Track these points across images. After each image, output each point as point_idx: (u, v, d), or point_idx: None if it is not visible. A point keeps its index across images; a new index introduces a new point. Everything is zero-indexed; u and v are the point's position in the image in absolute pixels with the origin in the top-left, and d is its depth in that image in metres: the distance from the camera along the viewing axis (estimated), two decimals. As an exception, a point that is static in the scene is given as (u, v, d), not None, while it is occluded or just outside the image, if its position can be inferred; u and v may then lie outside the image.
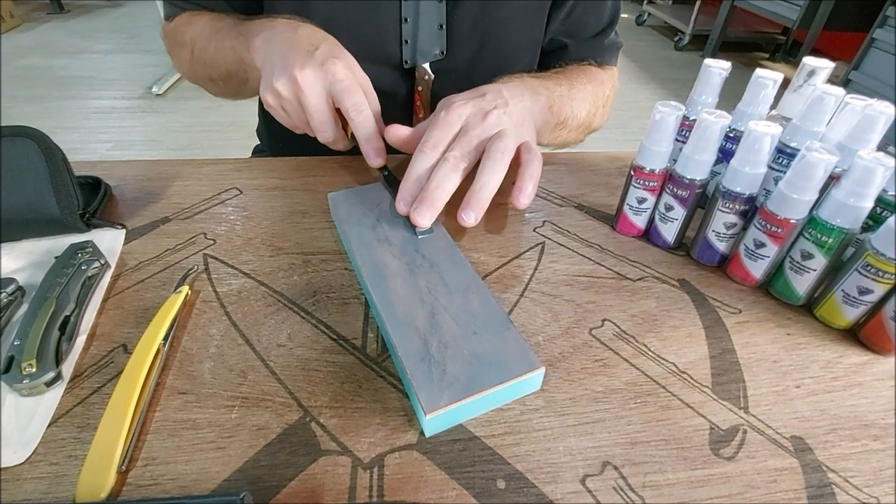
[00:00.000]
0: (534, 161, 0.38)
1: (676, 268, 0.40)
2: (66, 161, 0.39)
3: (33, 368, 0.28)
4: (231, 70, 0.49)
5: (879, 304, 0.32)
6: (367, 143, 0.41)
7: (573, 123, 0.52)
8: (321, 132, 0.41)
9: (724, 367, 0.32)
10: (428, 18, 0.51)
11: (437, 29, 0.52)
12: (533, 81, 0.47)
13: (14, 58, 2.65)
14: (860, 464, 0.27)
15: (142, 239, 0.40)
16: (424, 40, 0.52)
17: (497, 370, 0.28)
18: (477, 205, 0.36)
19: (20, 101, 2.23)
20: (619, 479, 0.26)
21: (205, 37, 0.51)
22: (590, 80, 0.55)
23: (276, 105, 0.42)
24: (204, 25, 0.51)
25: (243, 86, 0.52)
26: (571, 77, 0.53)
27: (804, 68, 0.39)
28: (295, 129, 0.44)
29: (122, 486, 0.25)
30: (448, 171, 0.37)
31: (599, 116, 0.57)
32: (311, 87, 0.39)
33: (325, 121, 0.41)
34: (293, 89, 0.39)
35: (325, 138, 0.42)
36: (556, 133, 0.51)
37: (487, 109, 0.39)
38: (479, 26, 0.52)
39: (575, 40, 0.59)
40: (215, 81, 0.54)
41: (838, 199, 0.32)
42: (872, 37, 2.06)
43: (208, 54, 0.50)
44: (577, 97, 0.51)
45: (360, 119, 0.40)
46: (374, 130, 0.41)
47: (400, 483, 0.25)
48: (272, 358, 0.31)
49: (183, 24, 0.54)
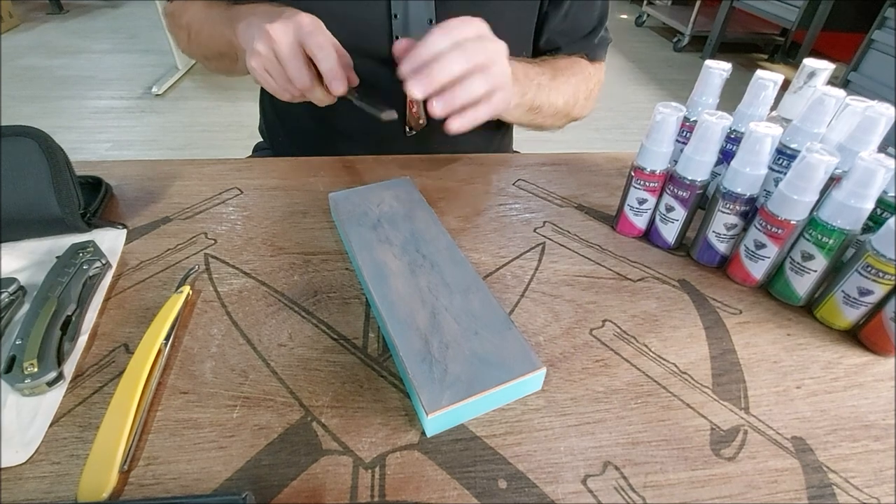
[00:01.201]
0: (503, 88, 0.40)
1: (677, 268, 0.40)
2: (68, 161, 0.39)
3: (35, 368, 0.28)
4: (222, 51, 0.52)
5: (880, 304, 0.32)
6: (330, 73, 0.42)
7: (549, 111, 0.54)
8: (297, 78, 0.42)
9: (724, 368, 0.32)
10: (417, 14, 0.52)
11: (427, 24, 0.52)
12: (516, 66, 0.48)
13: (13, 58, 2.64)
14: (861, 464, 0.27)
15: (143, 239, 0.40)
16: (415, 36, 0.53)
17: (498, 370, 0.28)
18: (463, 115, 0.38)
19: (19, 100, 2.23)
20: (620, 479, 0.26)
21: (198, 21, 0.54)
22: (575, 73, 0.57)
23: (259, 67, 0.43)
24: (197, 11, 0.55)
25: (234, 65, 0.54)
26: (557, 67, 0.55)
27: (804, 70, 0.39)
28: (279, 94, 0.45)
29: (123, 486, 0.25)
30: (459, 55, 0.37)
31: (580, 107, 0.59)
32: (281, 35, 0.41)
33: (299, 66, 0.42)
34: (267, 42, 0.41)
35: (301, 84, 0.43)
36: (530, 115, 0.53)
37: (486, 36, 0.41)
38: None
39: (569, 40, 0.60)
40: (210, 60, 0.57)
41: (839, 200, 0.32)
42: (871, 38, 2.06)
43: (202, 38, 0.54)
44: (556, 88, 0.53)
45: (323, 55, 0.41)
46: (335, 61, 0.42)
47: (401, 483, 0.26)
48: (273, 358, 0.31)
49: (180, 7, 0.57)
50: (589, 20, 0.60)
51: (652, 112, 0.38)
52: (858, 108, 0.35)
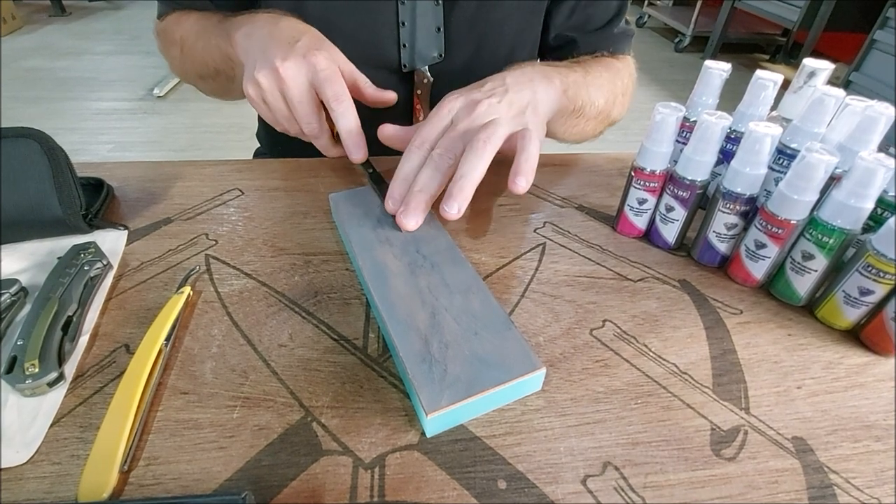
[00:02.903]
0: (528, 145, 0.37)
1: (677, 268, 0.40)
2: (69, 162, 0.39)
3: (36, 369, 0.28)
4: (218, 68, 0.49)
5: (880, 304, 0.32)
6: (349, 137, 0.40)
7: (591, 111, 0.49)
8: (306, 124, 0.41)
9: (725, 368, 0.32)
10: (425, 21, 0.51)
11: (435, 32, 0.52)
12: (545, 67, 0.45)
13: (15, 59, 2.66)
14: (861, 465, 0.27)
15: (144, 239, 0.41)
16: (422, 44, 0.52)
17: (498, 370, 0.28)
18: (459, 195, 0.35)
19: (21, 102, 2.24)
20: (620, 479, 0.26)
21: (193, 35, 0.50)
22: (605, 69, 0.53)
23: (256, 97, 0.41)
24: (192, 24, 0.51)
25: (230, 83, 0.51)
26: (586, 66, 0.51)
27: (804, 69, 0.39)
28: (276, 125, 0.43)
29: (124, 486, 0.25)
30: (431, 172, 0.36)
31: (619, 106, 0.55)
32: (293, 78, 0.38)
33: (310, 112, 0.40)
34: (276, 81, 0.39)
35: (309, 130, 0.41)
36: (574, 122, 0.49)
37: (478, 100, 0.39)
38: (476, 28, 0.53)
39: (582, 32, 0.57)
40: (205, 79, 0.54)
41: (839, 199, 0.32)
42: (873, 38, 2.06)
43: (196, 52, 0.50)
44: (593, 83, 0.49)
45: (341, 109, 0.39)
46: (356, 122, 0.40)
47: (401, 483, 0.26)
48: (274, 358, 0.32)
49: (173, 22, 0.54)
50: (604, 11, 0.56)
51: (652, 112, 0.38)
52: (858, 108, 0.35)
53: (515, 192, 0.36)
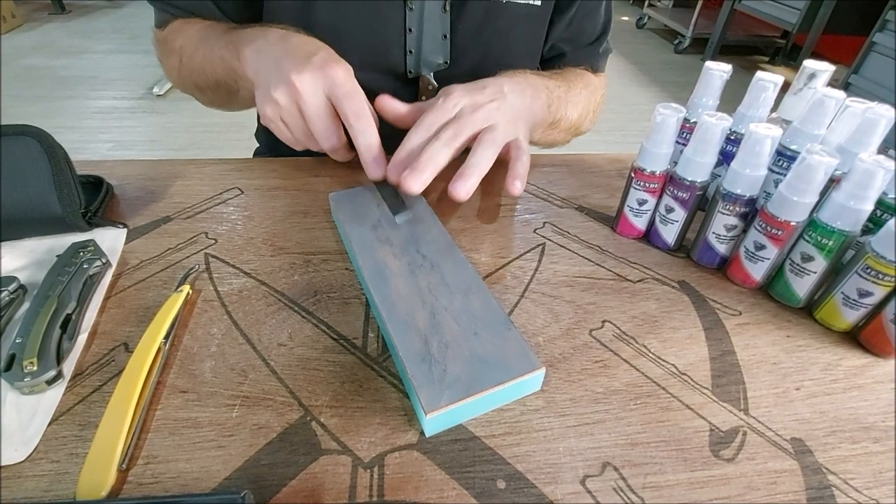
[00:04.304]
0: (522, 156, 0.41)
1: (677, 269, 0.40)
2: (69, 160, 0.39)
3: (34, 367, 0.28)
4: (220, 80, 0.48)
5: (879, 306, 0.32)
6: (368, 152, 0.40)
7: (564, 125, 0.54)
8: (324, 139, 0.40)
9: (724, 369, 0.32)
10: (432, 28, 0.51)
11: (441, 39, 0.52)
12: (536, 79, 0.48)
13: (15, 58, 2.65)
14: (860, 466, 0.27)
15: (143, 238, 0.40)
16: (428, 50, 0.52)
17: (497, 370, 0.28)
18: (471, 176, 0.37)
19: (21, 100, 2.23)
20: (619, 479, 0.26)
21: (193, 44, 0.49)
22: (585, 86, 0.57)
23: (274, 116, 0.40)
24: (193, 33, 0.50)
25: (233, 96, 0.50)
26: (569, 80, 0.55)
27: (804, 71, 0.39)
28: (295, 146, 0.43)
29: (122, 484, 0.25)
30: (441, 146, 0.38)
31: (588, 121, 0.60)
32: (310, 92, 0.38)
33: (328, 126, 0.40)
34: (292, 95, 0.38)
35: (328, 146, 0.41)
36: (549, 132, 0.53)
37: (481, 103, 0.40)
38: (482, 35, 0.53)
39: (573, 47, 0.60)
40: (203, 90, 0.53)
41: (838, 201, 0.32)
42: (872, 40, 2.07)
43: (196, 62, 0.49)
44: (572, 100, 0.53)
45: (361, 126, 0.39)
46: (376, 139, 0.40)
47: (400, 482, 0.26)
48: (273, 357, 0.32)
49: (174, 31, 0.53)
50: (594, 27, 0.60)
51: (652, 114, 0.38)
52: (858, 110, 0.35)
53: (513, 193, 0.40)
